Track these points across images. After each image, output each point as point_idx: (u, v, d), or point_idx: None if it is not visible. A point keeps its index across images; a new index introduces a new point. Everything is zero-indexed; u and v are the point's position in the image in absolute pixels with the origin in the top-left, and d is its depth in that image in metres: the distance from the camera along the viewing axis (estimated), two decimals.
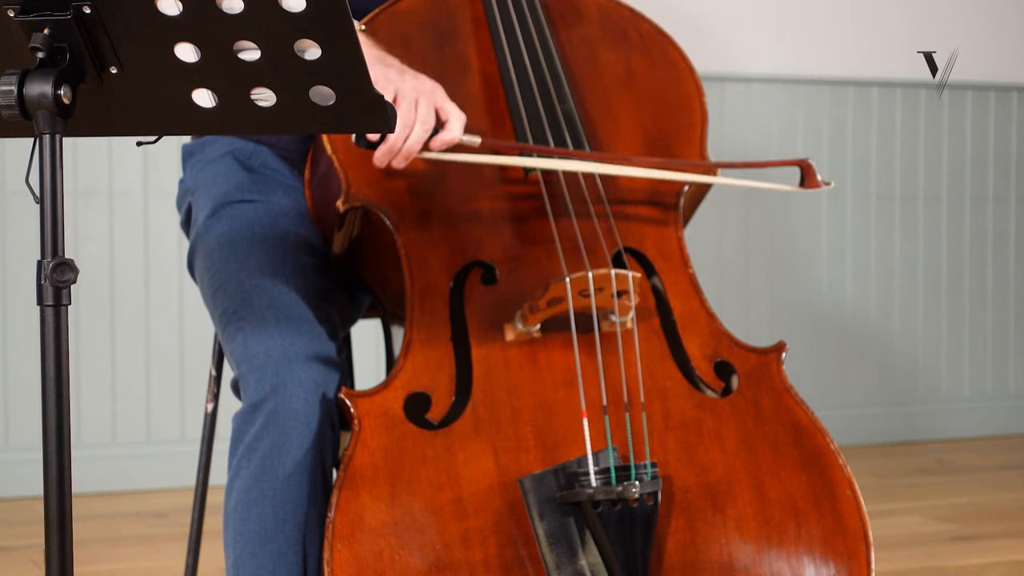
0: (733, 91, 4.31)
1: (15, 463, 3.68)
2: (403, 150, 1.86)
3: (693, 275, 2.03)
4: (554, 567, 1.78)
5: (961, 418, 4.60)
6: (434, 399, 1.86)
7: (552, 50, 2.07)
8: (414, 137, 1.85)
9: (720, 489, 1.86)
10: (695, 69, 2.15)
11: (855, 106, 4.44)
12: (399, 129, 1.84)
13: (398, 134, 1.84)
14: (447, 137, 1.87)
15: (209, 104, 1.39)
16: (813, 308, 4.42)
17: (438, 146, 1.87)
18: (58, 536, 1.35)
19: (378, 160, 1.87)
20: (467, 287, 1.94)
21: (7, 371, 3.69)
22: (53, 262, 1.33)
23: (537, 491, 1.80)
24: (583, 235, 1.97)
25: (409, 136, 1.85)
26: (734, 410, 1.92)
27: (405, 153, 1.86)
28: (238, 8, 1.32)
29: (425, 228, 1.95)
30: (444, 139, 1.87)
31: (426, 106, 1.85)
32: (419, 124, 1.85)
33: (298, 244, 2.04)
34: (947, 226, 4.58)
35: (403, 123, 1.84)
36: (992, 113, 4.61)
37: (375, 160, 1.87)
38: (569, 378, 1.89)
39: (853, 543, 1.86)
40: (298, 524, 1.82)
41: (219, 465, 2.26)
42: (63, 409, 1.34)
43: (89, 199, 3.74)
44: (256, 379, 1.84)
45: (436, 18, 2.05)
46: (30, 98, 1.33)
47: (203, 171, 2.15)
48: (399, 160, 1.87)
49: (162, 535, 3.32)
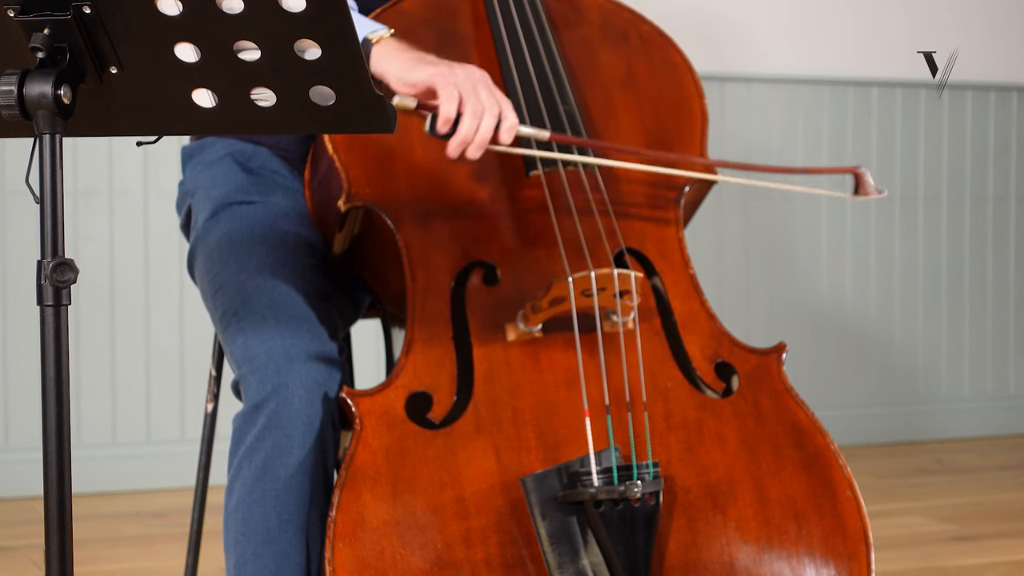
0: (733, 91, 4.31)
1: (15, 463, 3.68)
2: (476, 139, 1.83)
3: (694, 276, 2.04)
4: (556, 566, 1.78)
5: (961, 418, 4.60)
6: (435, 399, 1.86)
7: (554, 51, 2.07)
8: (485, 125, 1.83)
9: (721, 489, 1.86)
10: (695, 70, 2.15)
11: (855, 106, 4.44)
12: (470, 120, 1.82)
13: (469, 124, 1.82)
14: (508, 124, 1.84)
15: (209, 104, 1.39)
16: (813, 309, 4.42)
17: (505, 135, 1.85)
18: (58, 536, 1.35)
19: (451, 151, 1.84)
20: (468, 287, 1.94)
21: (7, 371, 3.69)
22: (53, 262, 1.33)
23: (539, 490, 1.80)
24: (585, 235, 1.97)
25: (479, 125, 1.83)
26: (735, 411, 1.92)
27: (479, 142, 1.84)
28: (238, 8, 1.32)
29: (426, 228, 1.95)
30: (507, 127, 1.84)
31: (486, 92, 1.84)
32: (487, 112, 1.83)
33: (298, 245, 2.04)
34: (947, 226, 4.58)
35: (473, 113, 1.82)
36: (992, 113, 4.61)
37: (449, 152, 1.84)
38: (571, 378, 1.89)
39: (853, 543, 1.86)
40: (300, 524, 1.82)
41: (219, 465, 2.26)
42: (63, 409, 1.34)
43: (89, 199, 3.74)
44: (257, 380, 1.84)
45: (438, 18, 2.05)
46: (30, 98, 1.33)
47: (203, 173, 2.15)
48: (473, 150, 1.84)
49: (162, 535, 3.32)
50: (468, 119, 1.82)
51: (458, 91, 1.82)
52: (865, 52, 4.41)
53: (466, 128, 1.82)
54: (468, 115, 1.82)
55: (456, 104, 1.82)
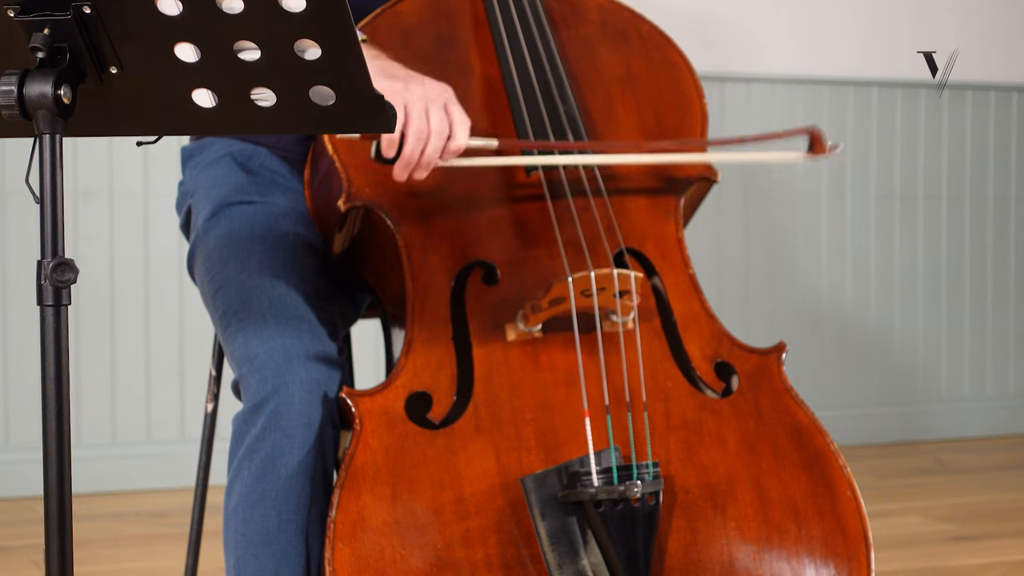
0: (733, 91, 4.31)
1: (15, 463, 3.68)
2: (421, 162, 1.82)
3: (693, 275, 2.03)
4: (556, 567, 1.78)
5: (961, 418, 4.60)
6: (435, 399, 1.86)
7: (553, 51, 2.07)
8: (431, 148, 1.81)
9: (721, 489, 1.86)
10: (695, 70, 2.15)
11: (855, 106, 4.44)
12: (413, 142, 1.81)
13: (413, 147, 1.81)
14: (453, 146, 1.84)
15: (209, 104, 1.39)
16: (813, 308, 4.42)
17: (448, 155, 1.84)
18: (58, 536, 1.35)
19: (397, 175, 1.83)
20: (468, 287, 1.94)
21: (7, 371, 3.69)
22: (53, 262, 1.33)
23: (539, 490, 1.80)
24: (585, 235, 1.97)
25: (425, 148, 1.82)
26: (735, 411, 1.92)
27: (424, 164, 1.83)
28: (238, 8, 1.32)
29: (426, 228, 1.95)
30: (451, 148, 1.84)
31: (437, 114, 1.82)
32: (434, 135, 1.81)
33: (298, 245, 2.04)
34: (947, 226, 4.58)
35: (416, 136, 1.80)
36: (992, 113, 4.61)
37: (395, 175, 1.83)
38: (570, 378, 1.89)
39: (853, 543, 1.86)
40: (300, 524, 1.82)
41: (219, 465, 2.26)
42: (63, 409, 1.34)
43: (89, 199, 3.74)
44: (257, 380, 1.84)
45: (437, 19, 2.05)
46: (30, 98, 1.33)
47: (202, 173, 2.15)
48: (420, 172, 1.83)
49: (162, 535, 3.32)
50: (411, 141, 1.81)
51: (403, 112, 1.80)
52: (865, 52, 4.41)
53: (408, 151, 1.81)
54: (411, 137, 1.80)
55: (401, 126, 1.80)
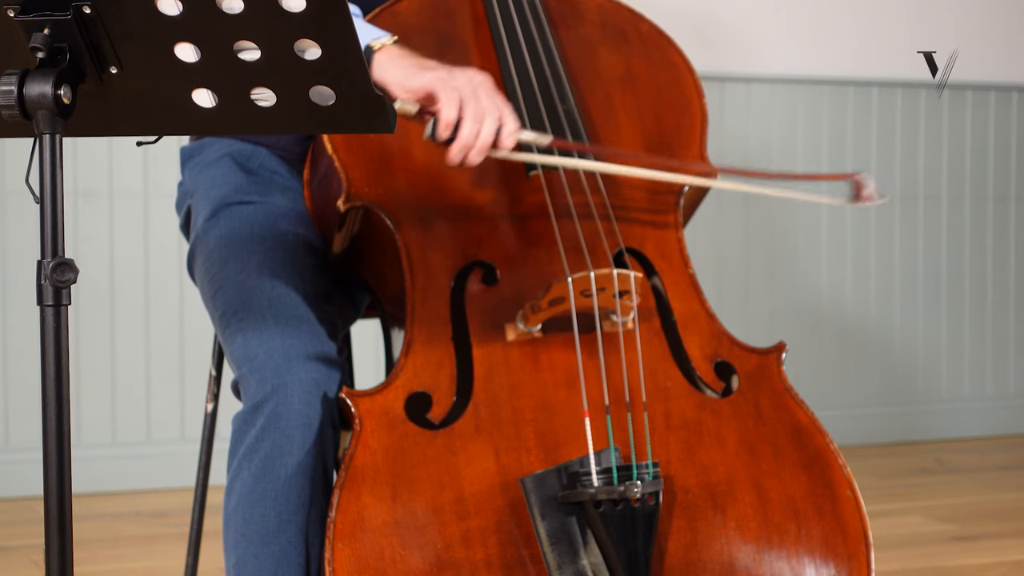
0: (733, 91, 4.31)
1: (15, 463, 3.68)
2: (477, 144, 1.82)
3: (693, 275, 2.03)
4: (555, 567, 1.78)
5: (961, 418, 4.60)
6: (435, 399, 1.86)
7: (553, 50, 2.07)
8: (486, 130, 1.82)
9: (721, 489, 1.86)
10: (695, 70, 2.15)
11: (855, 106, 4.44)
12: (470, 124, 1.81)
13: (470, 129, 1.81)
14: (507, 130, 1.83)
15: (209, 104, 1.39)
16: (813, 308, 4.42)
17: (509, 140, 1.84)
18: (58, 536, 1.35)
19: (453, 157, 1.83)
20: (468, 287, 1.94)
21: (7, 371, 3.69)
22: (53, 262, 1.33)
23: (539, 491, 1.80)
24: (584, 235, 1.97)
25: (480, 130, 1.82)
26: (735, 411, 1.92)
27: (480, 147, 1.82)
28: (238, 8, 1.32)
29: (426, 228, 1.95)
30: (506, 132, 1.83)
31: (487, 96, 1.83)
32: (488, 117, 1.82)
33: (297, 244, 2.04)
34: (947, 226, 4.58)
35: (473, 117, 1.81)
36: (992, 113, 4.61)
37: (450, 157, 1.83)
38: (570, 378, 1.89)
39: (853, 543, 1.86)
40: (300, 524, 1.82)
41: (219, 465, 2.26)
42: (63, 409, 1.34)
43: (89, 199, 3.74)
44: (257, 380, 1.84)
45: (436, 18, 2.05)
46: (30, 98, 1.33)
47: (202, 173, 2.15)
48: (475, 155, 1.83)
49: (162, 535, 3.32)
50: (469, 123, 1.81)
51: (459, 95, 1.81)
52: (865, 52, 4.41)
53: (467, 133, 1.82)
54: (469, 119, 1.81)
55: (457, 108, 1.81)
